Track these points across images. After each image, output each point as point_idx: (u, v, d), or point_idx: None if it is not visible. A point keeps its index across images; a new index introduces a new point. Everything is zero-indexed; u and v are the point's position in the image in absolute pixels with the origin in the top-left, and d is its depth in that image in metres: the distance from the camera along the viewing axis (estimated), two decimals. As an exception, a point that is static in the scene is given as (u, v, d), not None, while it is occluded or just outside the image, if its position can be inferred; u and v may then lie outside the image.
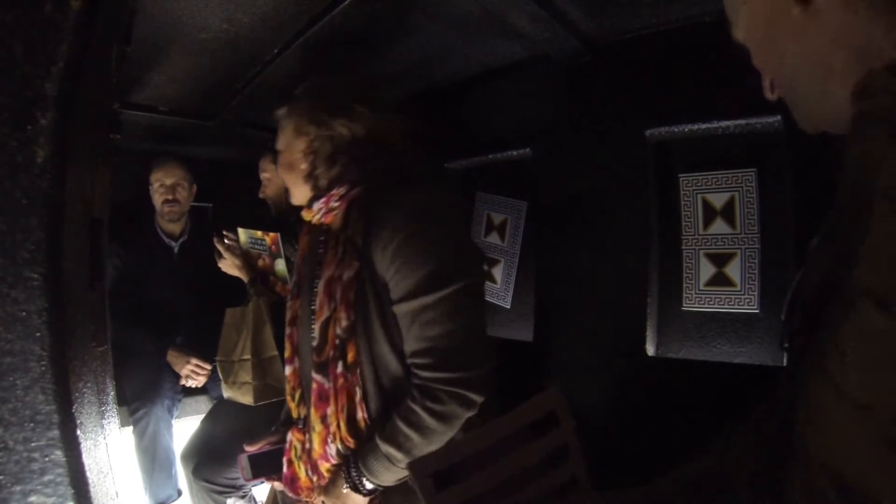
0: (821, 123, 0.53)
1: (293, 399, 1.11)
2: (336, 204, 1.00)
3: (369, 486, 0.93)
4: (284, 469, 1.09)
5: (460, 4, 1.21)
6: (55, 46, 0.55)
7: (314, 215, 1.03)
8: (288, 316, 1.13)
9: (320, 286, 0.99)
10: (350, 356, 0.94)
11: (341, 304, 0.94)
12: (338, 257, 0.97)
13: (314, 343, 1.00)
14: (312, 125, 0.99)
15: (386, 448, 0.89)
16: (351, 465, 0.93)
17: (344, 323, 0.94)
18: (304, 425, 1.06)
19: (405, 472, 0.90)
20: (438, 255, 0.90)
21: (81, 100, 0.58)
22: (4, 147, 0.53)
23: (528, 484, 0.59)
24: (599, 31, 1.35)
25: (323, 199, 1.00)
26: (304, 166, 1.01)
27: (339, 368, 0.94)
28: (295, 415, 1.11)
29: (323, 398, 0.97)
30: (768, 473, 0.54)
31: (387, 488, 0.94)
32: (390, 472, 0.91)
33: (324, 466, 0.99)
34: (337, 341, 0.95)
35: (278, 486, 1.14)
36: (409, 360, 0.92)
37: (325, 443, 0.97)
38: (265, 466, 1.15)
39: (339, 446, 0.95)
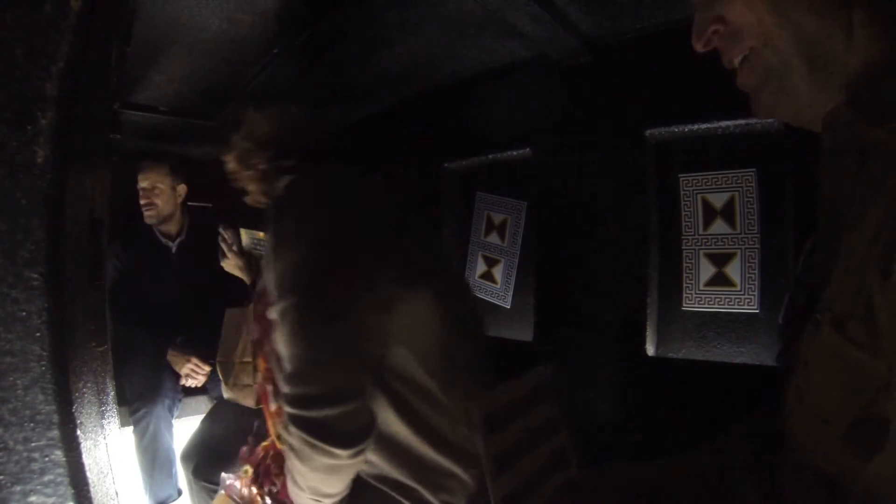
0: (802, 116, 0.47)
1: None
2: None
3: None
4: None
5: (460, 4, 1.21)
6: (55, 46, 0.55)
7: None
8: None
9: None
10: (261, 367, 0.87)
11: (253, 315, 0.90)
12: None
13: None
14: None
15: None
16: None
17: (255, 335, 0.88)
18: None
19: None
20: (284, 257, 0.74)
21: (81, 100, 0.58)
22: (4, 147, 0.53)
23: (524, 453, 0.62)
24: (599, 31, 1.35)
25: None
26: None
27: (259, 378, 0.89)
28: None
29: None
30: (763, 459, 0.56)
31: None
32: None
33: None
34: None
35: None
36: None
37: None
38: None
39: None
